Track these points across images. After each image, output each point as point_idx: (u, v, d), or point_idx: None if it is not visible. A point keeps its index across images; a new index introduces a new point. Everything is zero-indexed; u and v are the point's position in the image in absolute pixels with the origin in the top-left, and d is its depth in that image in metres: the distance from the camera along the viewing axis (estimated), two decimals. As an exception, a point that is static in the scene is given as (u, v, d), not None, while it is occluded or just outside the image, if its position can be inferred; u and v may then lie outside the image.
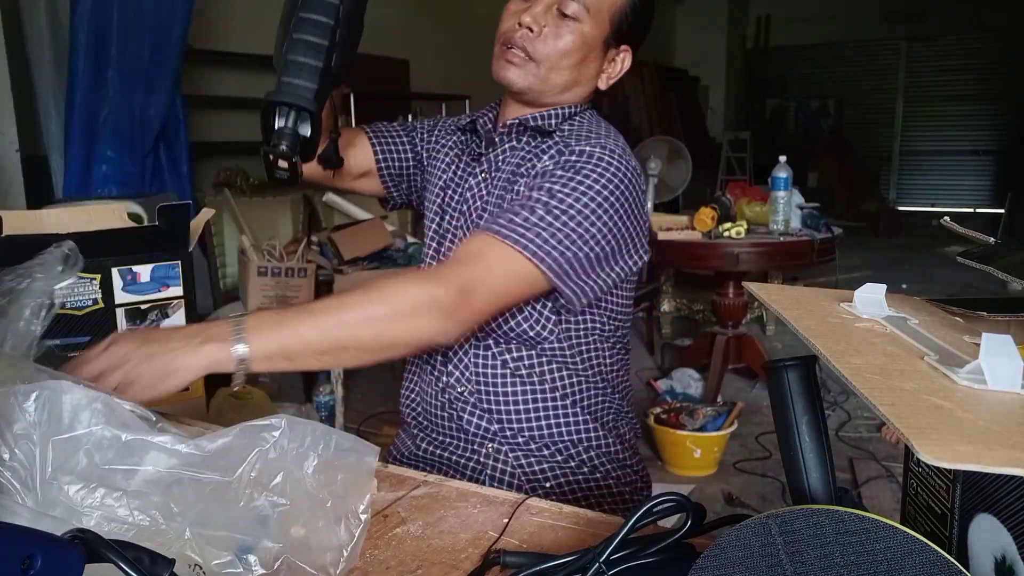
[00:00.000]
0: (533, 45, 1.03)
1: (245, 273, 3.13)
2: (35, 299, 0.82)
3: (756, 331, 4.36)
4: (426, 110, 5.93)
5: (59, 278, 0.87)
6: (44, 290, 0.83)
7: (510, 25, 1.05)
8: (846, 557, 0.43)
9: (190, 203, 1.11)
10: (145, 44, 3.07)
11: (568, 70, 1.05)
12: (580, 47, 1.04)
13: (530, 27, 1.02)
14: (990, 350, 0.48)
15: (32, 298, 0.82)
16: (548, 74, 1.04)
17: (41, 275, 0.85)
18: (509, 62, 1.04)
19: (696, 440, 2.70)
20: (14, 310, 0.80)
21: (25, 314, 0.80)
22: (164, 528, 0.55)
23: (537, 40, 1.03)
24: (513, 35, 1.04)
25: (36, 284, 0.84)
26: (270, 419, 0.61)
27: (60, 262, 0.88)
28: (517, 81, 1.05)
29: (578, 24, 1.03)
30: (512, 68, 1.04)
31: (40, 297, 0.82)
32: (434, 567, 0.67)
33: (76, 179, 3.00)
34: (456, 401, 1.10)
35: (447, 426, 1.12)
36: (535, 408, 1.09)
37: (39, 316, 0.81)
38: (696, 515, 0.60)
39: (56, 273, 0.87)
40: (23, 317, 0.80)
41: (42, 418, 0.57)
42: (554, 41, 1.03)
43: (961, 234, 0.75)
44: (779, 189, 3.08)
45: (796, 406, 0.52)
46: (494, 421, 1.09)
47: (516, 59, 1.04)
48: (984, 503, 0.49)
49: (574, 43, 1.03)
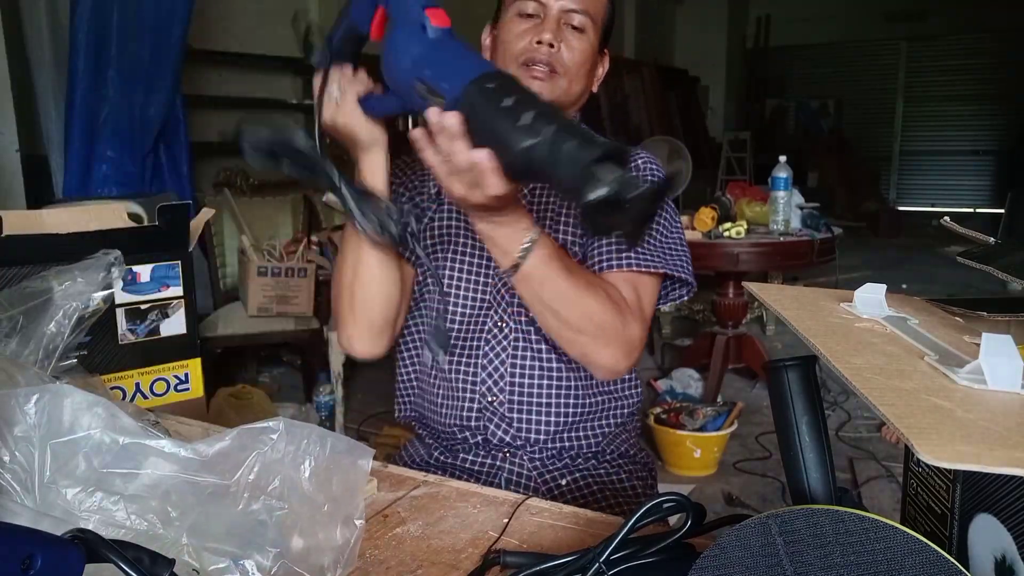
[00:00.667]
0: (557, 59, 1.06)
1: (245, 273, 3.13)
2: (70, 302, 0.81)
3: (756, 331, 4.36)
4: (426, 110, 5.93)
5: (99, 284, 0.86)
6: (81, 294, 0.83)
7: (527, 44, 1.06)
8: (846, 557, 0.43)
9: (190, 203, 1.11)
10: (145, 44, 3.08)
11: (584, 79, 1.10)
12: (590, 56, 1.09)
13: (551, 43, 1.05)
14: (990, 350, 0.48)
15: (67, 300, 0.81)
16: (570, 85, 1.08)
17: (82, 279, 0.85)
18: (535, 79, 1.06)
19: (696, 440, 2.70)
20: (46, 311, 0.80)
21: (57, 316, 0.79)
22: (162, 533, 0.55)
23: (558, 54, 1.06)
24: (535, 53, 1.06)
25: (74, 287, 0.83)
26: (268, 422, 0.61)
27: (104, 269, 0.87)
28: (546, 95, 1.06)
29: (585, 34, 1.07)
30: (538, 83, 1.06)
31: (75, 300, 0.82)
32: (434, 567, 0.67)
33: (76, 179, 3.01)
34: (485, 411, 1.10)
35: (470, 436, 1.12)
36: (566, 413, 1.10)
37: (71, 319, 0.80)
38: (696, 515, 0.60)
39: (97, 280, 0.86)
40: (54, 319, 0.79)
41: (42, 421, 0.57)
42: (571, 53, 1.07)
43: (961, 234, 0.75)
44: (779, 189, 3.08)
45: (796, 406, 0.52)
46: (523, 431, 1.09)
47: (541, 74, 1.06)
48: (984, 503, 0.49)
49: (586, 53, 1.08)
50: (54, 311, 0.80)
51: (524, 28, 1.07)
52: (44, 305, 0.80)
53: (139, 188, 3.14)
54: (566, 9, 1.06)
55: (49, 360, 0.77)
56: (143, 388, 1.06)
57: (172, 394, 1.09)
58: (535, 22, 1.07)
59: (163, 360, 1.08)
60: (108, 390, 0.87)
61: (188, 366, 1.10)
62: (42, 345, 0.77)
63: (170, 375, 1.09)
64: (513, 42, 1.07)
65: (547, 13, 1.06)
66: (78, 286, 0.83)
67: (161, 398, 1.08)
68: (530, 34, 1.06)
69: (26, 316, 0.79)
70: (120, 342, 1.04)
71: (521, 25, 1.07)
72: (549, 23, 1.06)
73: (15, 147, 2.98)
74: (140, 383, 1.06)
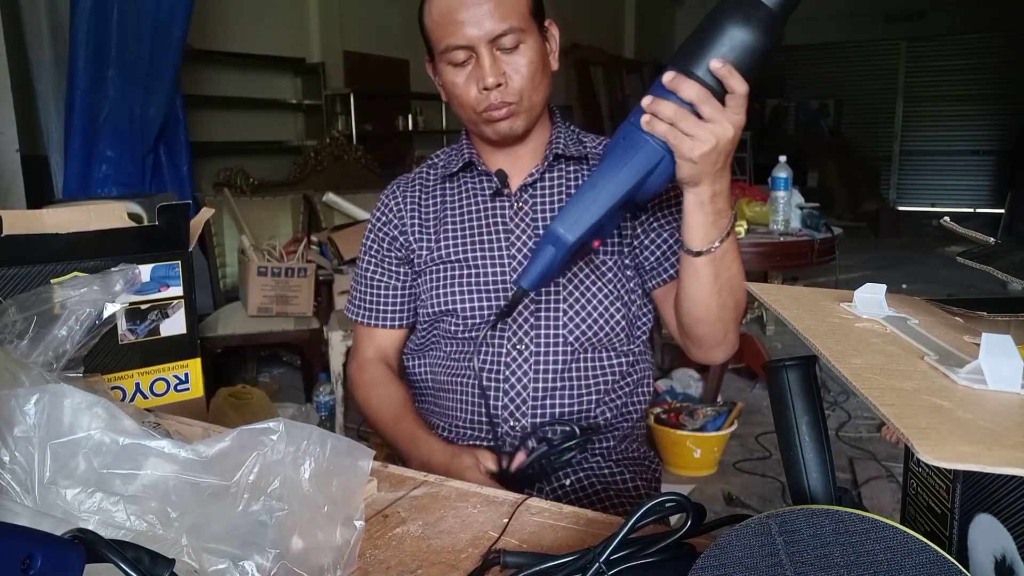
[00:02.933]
0: (508, 93, 1.03)
1: (245, 273, 3.13)
2: (84, 308, 0.82)
3: (756, 331, 4.36)
4: (426, 110, 5.94)
5: (114, 296, 0.88)
6: (96, 302, 0.84)
7: (474, 95, 1.03)
8: (846, 557, 0.43)
9: (190, 203, 1.10)
10: (145, 44, 3.08)
11: (542, 83, 1.06)
12: (537, 62, 1.04)
13: (496, 83, 1.01)
14: (990, 350, 0.48)
15: (81, 307, 0.82)
16: (532, 102, 1.06)
17: (98, 287, 0.86)
18: (498, 120, 1.05)
19: (696, 440, 2.70)
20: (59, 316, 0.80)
21: (70, 321, 0.80)
22: (161, 534, 0.55)
23: (509, 88, 1.03)
24: (485, 101, 1.03)
25: (90, 295, 0.84)
26: (268, 423, 0.60)
27: (122, 281, 0.90)
28: (516, 128, 1.07)
29: (523, 46, 1.02)
30: (504, 123, 1.05)
31: (88, 308, 0.82)
32: (434, 567, 0.67)
33: (76, 179, 3.01)
34: (503, 411, 1.10)
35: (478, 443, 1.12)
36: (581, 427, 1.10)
37: (82, 325, 0.81)
38: (696, 515, 0.60)
39: (113, 291, 0.88)
40: (66, 324, 0.80)
41: (42, 421, 0.57)
42: (520, 76, 1.03)
43: (961, 234, 0.75)
44: (779, 189, 3.08)
45: (796, 406, 0.52)
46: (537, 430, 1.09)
47: (501, 114, 1.04)
48: (984, 503, 0.49)
49: (532, 64, 1.03)
50: (67, 316, 0.81)
51: (464, 77, 1.03)
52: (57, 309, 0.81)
53: (139, 188, 3.14)
54: (492, 37, 1.00)
55: (57, 363, 0.78)
56: (143, 388, 1.06)
57: (172, 394, 1.09)
58: (471, 65, 1.02)
59: (163, 360, 1.08)
60: (109, 390, 0.87)
61: (188, 366, 1.10)
62: (51, 348, 0.78)
63: (170, 375, 1.09)
64: (462, 96, 1.05)
65: (478, 52, 1.01)
66: (93, 294, 0.84)
67: (161, 398, 1.08)
68: (472, 81, 1.03)
69: (39, 318, 0.80)
70: (120, 342, 1.04)
71: (459, 74, 1.04)
72: (484, 62, 1.01)
73: (15, 147, 2.98)
74: (140, 383, 1.06)
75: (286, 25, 4.85)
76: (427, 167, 1.21)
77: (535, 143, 1.14)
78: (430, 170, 1.20)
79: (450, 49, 1.02)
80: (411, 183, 1.20)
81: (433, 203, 1.17)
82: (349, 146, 4.64)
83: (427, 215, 1.17)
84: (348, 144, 4.65)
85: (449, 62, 1.03)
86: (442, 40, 1.02)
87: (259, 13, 4.61)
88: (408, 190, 1.19)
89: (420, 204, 1.18)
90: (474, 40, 1.00)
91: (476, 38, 1.00)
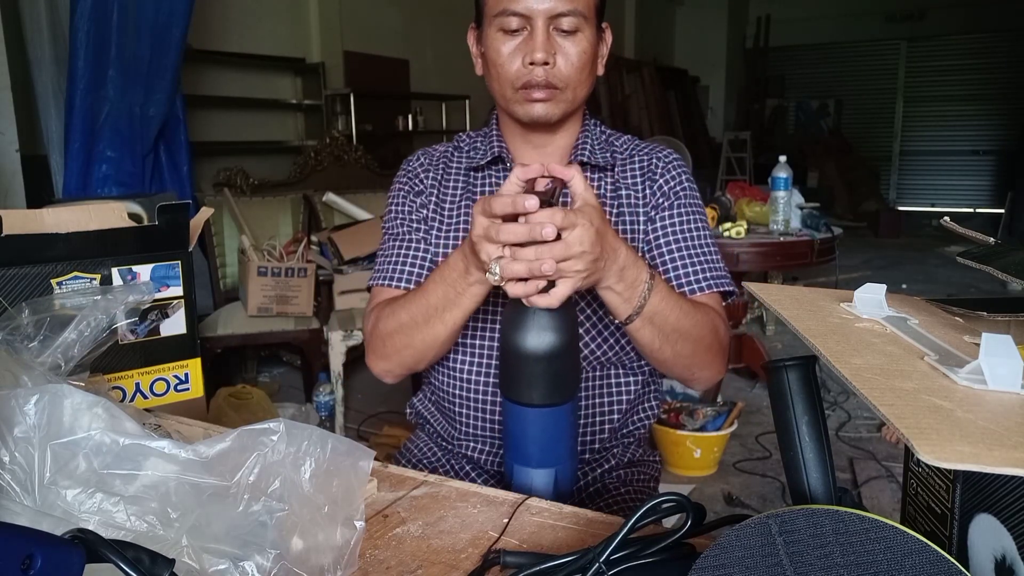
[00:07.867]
0: (555, 75, 0.98)
1: (245, 273, 3.13)
2: (96, 314, 0.82)
3: (756, 331, 4.35)
4: (426, 110, 5.94)
5: (125, 305, 0.89)
6: (107, 308, 0.84)
7: (519, 67, 0.98)
8: (846, 557, 0.43)
9: (190, 203, 1.10)
10: (145, 44, 3.07)
11: (588, 79, 1.03)
12: (590, 54, 1.01)
13: (544, 61, 0.97)
14: (990, 350, 0.48)
15: (94, 313, 0.82)
16: (575, 94, 1.02)
17: (112, 296, 0.87)
18: (536, 101, 1.00)
19: (696, 440, 2.70)
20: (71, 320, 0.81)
21: (81, 325, 0.80)
22: (162, 534, 0.55)
23: (555, 69, 0.98)
24: (530, 77, 0.98)
25: (103, 302, 0.84)
26: (268, 423, 0.60)
27: (140, 294, 0.91)
28: (552, 114, 1.02)
29: (580, 34, 0.98)
30: (540, 105, 1.00)
31: (100, 314, 0.83)
32: (434, 567, 0.67)
33: (76, 179, 3.01)
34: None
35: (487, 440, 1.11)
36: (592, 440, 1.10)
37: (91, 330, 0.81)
38: (696, 515, 0.60)
39: (124, 300, 0.88)
40: (77, 328, 0.80)
41: (42, 421, 0.57)
42: (568, 63, 0.99)
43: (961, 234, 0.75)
44: (779, 189, 3.08)
45: (796, 406, 0.52)
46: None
47: (542, 95, 1.00)
48: (984, 503, 0.49)
49: (585, 55, 0.99)
50: (79, 321, 0.81)
51: (512, 47, 0.98)
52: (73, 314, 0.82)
53: (139, 188, 3.14)
54: (553, 14, 0.96)
55: (64, 367, 0.78)
56: (143, 388, 1.06)
57: (172, 394, 1.09)
58: (522, 37, 0.97)
59: (163, 360, 1.08)
60: (110, 390, 0.87)
61: (188, 366, 1.10)
62: (59, 351, 0.78)
63: (170, 375, 1.08)
64: (504, 65, 0.99)
65: (533, 25, 0.96)
66: (107, 302, 0.84)
67: (161, 398, 1.08)
68: (520, 53, 0.98)
69: (52, 321, 0.80)
70: (120, 342, 1.04)
71: (508, 43, 0.98)
72: (538, 37, 0.96)
73: (15, 147, 2.98)
74: (140, 383, 1.06)
75: (286, 25, 4.85)
76: (452, 148, 1.16)
77: (564, 141, 1.09)
78: (455, 152, 1.15)
79: (506, 13, 0.96)
80: (436, 161, 1.14)
81: (454, 191, 1.12)
82: (349, 146, 4.65)
83: (444, 199, 1.12)
84: (348, 144, 4.66)
85: (500, 28, 0.98)
86: (500, 2, 0.97)
87: (259, 13, 4.61)
88: (433, 167, 1.14)
89: (441, 185, 1.13)
90: (534, 11, 0.96)
91: (537, 10, 0.96)
